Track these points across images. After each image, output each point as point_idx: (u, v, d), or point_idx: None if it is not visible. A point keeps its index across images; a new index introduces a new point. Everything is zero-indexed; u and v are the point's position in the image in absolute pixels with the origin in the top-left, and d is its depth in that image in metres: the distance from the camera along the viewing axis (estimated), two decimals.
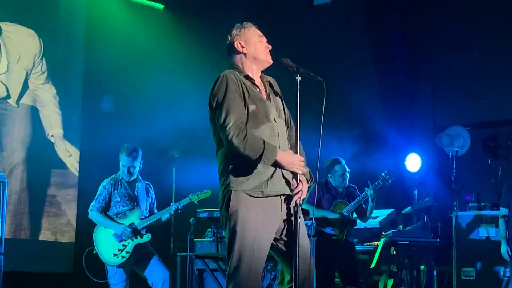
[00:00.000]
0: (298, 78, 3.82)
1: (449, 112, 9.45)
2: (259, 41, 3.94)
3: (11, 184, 7.97)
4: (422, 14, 9.68)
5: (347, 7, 9.55)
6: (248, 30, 3.96)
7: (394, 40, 9.69)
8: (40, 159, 8.58)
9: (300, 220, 3.72)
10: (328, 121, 3.96)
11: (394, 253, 7.63)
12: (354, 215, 7.12)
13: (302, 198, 3.77)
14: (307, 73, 3.84)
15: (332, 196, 7.13)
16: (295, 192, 3.75)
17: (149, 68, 9.36)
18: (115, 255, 6.42)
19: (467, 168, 8.86)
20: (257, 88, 3.88)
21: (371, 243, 7.79)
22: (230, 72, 3.84)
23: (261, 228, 3.68)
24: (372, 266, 7.44)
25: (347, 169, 7.15)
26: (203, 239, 7.54)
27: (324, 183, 7.13)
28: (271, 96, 3.93)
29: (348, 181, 7.19)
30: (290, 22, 9.76)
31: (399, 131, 9.47)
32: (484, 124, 9.18)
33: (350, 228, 7.07)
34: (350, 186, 7.24)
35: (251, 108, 3.75)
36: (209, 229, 7.50)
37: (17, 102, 8.48)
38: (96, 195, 6.57)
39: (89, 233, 6.57)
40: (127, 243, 6.44)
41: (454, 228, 7.95)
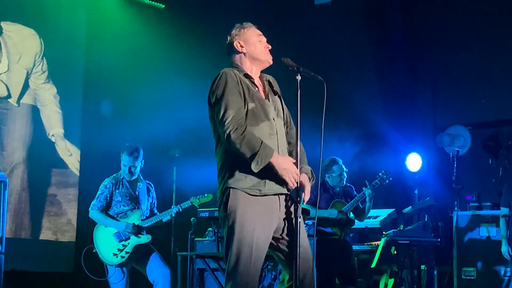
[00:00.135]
0: (299, 78, 3.81)
1: (450, 112, 9.46)
2: (259, 41, 3.94)
3: (12, 184, 7.97)
4: (422, 14, 9.68)
5: (347, 7, 9.56)
6: (248, 30, 3.95)
7: (394, 40, 9.69)
8: (41, 159, 8.57)
9: (300, 220, 3.70)
10: (329, 121, 3.96)
11: (395, 253, 7.63)
12: (351, 215, 7.13)
13: (307, 199, 3.77)
14: (308, 73, 3.83)
15: (330, 196, 7.14)
16: (303, 197, 3.72)
17: (150, 68, 9.33)
18: (115, 255, 6.42)
19: (468, 168, 8.86)
20: (256, 88, 3.87)
21: (372, 243, 7.79)
22: (230, 70, 3.84)
23: (259, 227, 3.67)
24: (373, 266, 7.43)
25: (345, 169, 7.16)
26: (204, 239, 7.54)
27: (322, 183, 7.12)
28: (270, 96, 3.92)
29: (347, 181, 7.20)
30: (291, 22, 9.76)
31: (400, 131, 9.47)
32: (485, 124, 9.18)
33: (348, 228, 7.09)
34: (347, 186, 7.25)
35: (250, 106, 3.74)
36: (210, 229, 7.50)
37: (18, 102, 8.48)
38: (97, 194, 6.57)
39: (90, 233, 6.58)
40: (127, 243, 6.45)
41: (455, 228, 7.96)
